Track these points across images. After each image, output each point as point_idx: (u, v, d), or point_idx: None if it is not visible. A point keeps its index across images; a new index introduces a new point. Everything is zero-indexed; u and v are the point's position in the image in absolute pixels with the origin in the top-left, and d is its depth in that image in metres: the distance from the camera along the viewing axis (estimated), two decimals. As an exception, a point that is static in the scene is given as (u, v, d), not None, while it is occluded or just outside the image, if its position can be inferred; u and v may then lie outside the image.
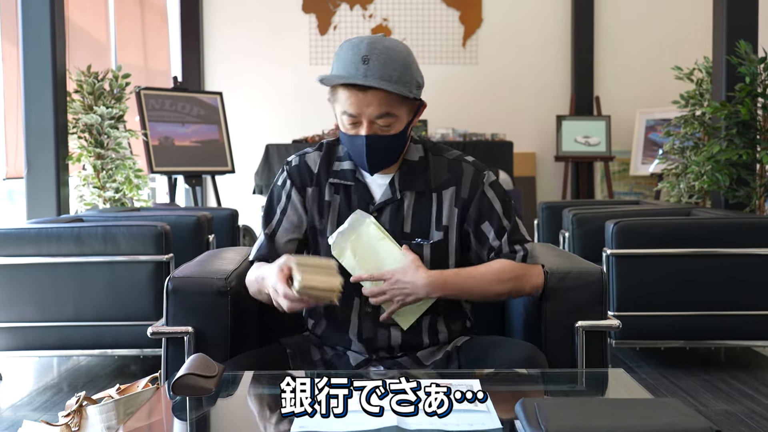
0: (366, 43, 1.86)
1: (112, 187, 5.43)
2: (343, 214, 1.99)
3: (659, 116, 7.68)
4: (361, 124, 1.90)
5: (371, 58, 1.84)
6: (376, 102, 1.86)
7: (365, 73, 1.84)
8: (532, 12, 8.22)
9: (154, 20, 7.66)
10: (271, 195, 2.08)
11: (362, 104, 1.87)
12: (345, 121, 1.92)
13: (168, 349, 2.02)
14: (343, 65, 1.87)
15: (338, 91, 1.89)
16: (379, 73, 1.84)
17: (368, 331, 1.98)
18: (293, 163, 2.07)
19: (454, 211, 1.99)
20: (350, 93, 1.87)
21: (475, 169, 2.01)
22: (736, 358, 4.09)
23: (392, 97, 1.87)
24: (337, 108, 1.93)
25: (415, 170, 2.00)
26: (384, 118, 1.88)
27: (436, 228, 1.98)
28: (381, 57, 1.84)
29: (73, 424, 1.90)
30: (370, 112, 1.87)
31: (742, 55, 4.60)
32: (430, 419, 1.37)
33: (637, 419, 1.27)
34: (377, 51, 1.85)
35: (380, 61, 1.84)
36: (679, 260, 3.79)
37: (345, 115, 1.90)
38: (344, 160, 2.03)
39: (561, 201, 6.79)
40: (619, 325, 2.02)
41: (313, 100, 8.10)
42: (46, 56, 4.94)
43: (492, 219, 1.98)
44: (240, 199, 7.80)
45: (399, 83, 1.86)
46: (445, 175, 2.01)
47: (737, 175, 4.65)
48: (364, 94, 1.86)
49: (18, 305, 3.68)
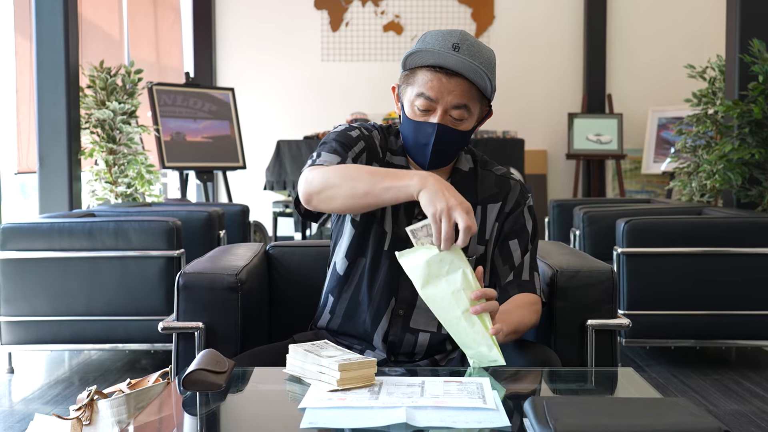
0: (458, 33, 1.80)
1: (124, 182, 5.46)
2: (397, 210, 1.91)
3: (671, 114, 7.65)
4: (434, 111, 1.82)
5: (462, 46, 1.78)
6: (458, 90, 1.80)
7: (456, 60, 1.77)
8: (544, 9, 8.20)
9: (167, 16, 7.67)
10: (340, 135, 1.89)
11: (444, 89, 1.80)
12: (419, 105, 1.83)
13: (179, 344, 2.03)
14: (432, 49, 1.78)
15: (419, 72, 1.82)
16: (471, 61, 1.77)
17: (395, 335, 1.93)
18: (364, 131, 1.93)
19: (495, 226, 1.96)
20: (434, 75, 1.80)
21: (521, 188, 2.00)
22: (746, 358, 4.08)
23: (473, 90, 1.82)
24: (409, 91, 1.85)
25: (465, 180, 1.95)
26: (460, 109, 1.82)
27: (478, 242, 1.94)
28: (472, 48, 1.79)
29: (84, 418, 1.91)
30: (449, 100, 1.81)
31: (755, 53, 4.58)
32: (439, 416, 1.37)
33: (646, 419, 1.27)
34: (468, 42, 1.80)
35: (471, 52, 1.79)
36: (691, 259, 3.78)
37: (421, 98, 1.82)
38: (397, 154, 1.96)
39: (572, 199, 6.78)
40: (629, 324, 2.02)
41: (324, 97, 8.12)
42: (59, 51, 4.96)
43: (521, 239, 1.95)
44: (251, 195, 7.82)
45: (484, 79, 1.80)
46: (493, 190, 1.97)
47: (749, 174, 4.63)
48: (449, 80, 1.80)
49: (30, 299, 3.70)
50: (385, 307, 1.93)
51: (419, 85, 1.82)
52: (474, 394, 1.48)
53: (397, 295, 1.92)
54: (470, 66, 1.77)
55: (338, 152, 1.85)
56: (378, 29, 8.20)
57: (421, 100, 1.82)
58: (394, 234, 1.92)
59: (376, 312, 1.93)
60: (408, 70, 1.85)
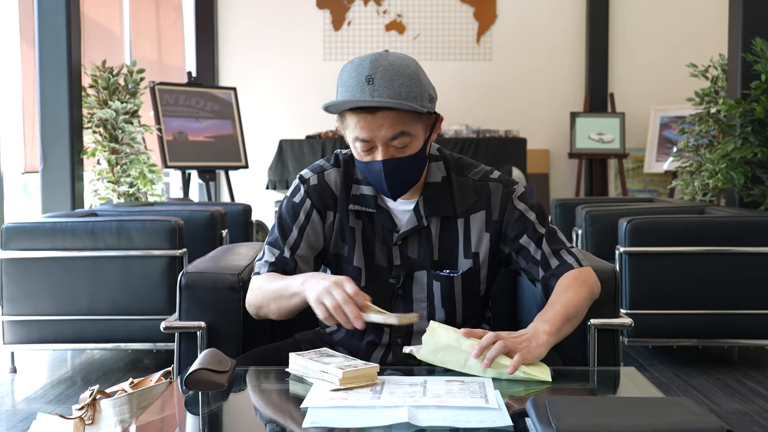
0: (368, 62, 1.72)
1: (127, 181, 5.46)
2: (368, 242, 1.88)
3: (674, 113, 7.64)
4: (376, 148, 1.77)
5: (375, 76, 1.70)
6: (387, 123, 1.73)
7: (371, 94, 1.70)
8: (546, 8, 8.20)
9: (169, 14, 7.68)
10: (285, 210, 1.92)
11: (373, 127, 1.73)
12: (359, 148, 1.78)
13: (181, 343, 2.03)
14: (348, 88, 1.73)
15: (346, 117, 1.76)
16: (387, 91, 1.70)
17: (397, 357, 1.89)
18: (311, 182, 1.92)
19: (484, 236, 1.88)
20: (359, 117, 1.73)
21: (503, 187, 1.90)
22: (749, 357, 4.08)
23: (404, 115, 1.73)
24: (348, 135, 1.80)
25: (439, 193, 1.88)
26: (399, 138, 1.75)
27: (465, 256, 1.88)
28: (386, 74, 1.71)
29: (86, 418, 1.91)
30: (383, 135, 1.74)
31: (757, 52, 4.57)
32: (441, 415, 1.37)
33: (648, 418, 1.27)
34: (381, 68, 1.71)
35: (386, 79, 1.70)
36: (693, 258, 3.78)
37: (358, 142, 1.77)
38: (363, 183, 1.90)
39: (574, 198, 6.78)
40: (631, 323, 2.01)
41: (326, 96, 8.08)
42: (62, 51, 4.97)
43: (528, 230, 1.87)
44: (253, 195, 7.82)
45: (409, 99, 1.72)
46: (472, 198, 1.89)
47: (752, 173, 4.62)
48: (374, 117, 1.72)
49: (32, 299, 3.71)
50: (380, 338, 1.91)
51: (351, 129, 1.77)
52: (476, 393, 1.48)
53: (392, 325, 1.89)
54: (388, 96, 1.70)
55: (277, 245, 1.89)
56: (380, 28, 8.21)
57: (359, 143, 1.77)
58: (369, 267, 1.89)
59: (372, 341, 1.92)
60: (339, 114, 1.79)
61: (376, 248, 1.89)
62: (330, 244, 1.92)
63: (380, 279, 1.89)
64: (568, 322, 1.74)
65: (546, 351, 1.67)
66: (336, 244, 1.91)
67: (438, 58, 8.00)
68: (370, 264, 1.90)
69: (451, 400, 1.44)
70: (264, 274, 1.89)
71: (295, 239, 1.89)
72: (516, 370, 1.58)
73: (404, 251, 1.88)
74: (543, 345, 1.66)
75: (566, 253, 1.87)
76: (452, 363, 1.63)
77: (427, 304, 1.90)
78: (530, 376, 1.60)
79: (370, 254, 1.90)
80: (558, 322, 1.71)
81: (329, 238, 1.91)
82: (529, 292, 2.16)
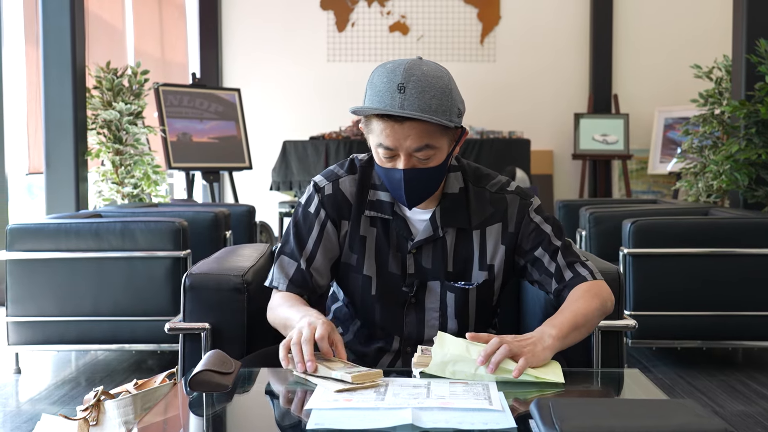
0: (402, 69, 1.69)
1: (131, 182, 5.47)
2: (381, 250, 1.87)
3: (678, 114, 7.64)
4: (399, 157, 1.74)
5: (408, 86, 1.67)
6: (414, 134, 1.70)
7: (402, 103, 1.67)
8: (550, 9, 8.20)
9: (171, 12, 7.70)
10: (302, 219, 1.91)
11: (399, 137, 1.71)
12: (381, 154, 1.76)
13: (185, 344, 2.03)
14: (377, 93, 1.70)
15: (372, 121, 1.74)
16: (417, 102, 1.67)
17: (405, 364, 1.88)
18: (326, 191, 1.90)
19: (500, 248, 1.87)
20: (386, 124, 1.71)
21: (519, 199, 1.89)
22: (753, 359, 4.07)
23: (432, 127, 1.71)
24: (371, 139, 1.77)
25: (456, 204, 1.86)
26: (423, 150, 1.72)
27: (480, 268, 1.87)
28: (419, 84, 1.68)
29: (90, 419, 1.92)
30: (408, 145, 1.72)
31: (762, 53, 4.57)
32: (445, 417, 1.37)
33: (651, 420, 1.27)
34: (414, 78, 1.68)
35: (418, 89, 1.67)
36: (697, 260, 3.77)
37: (381, 148, 1.74)
38: (381, 189, 1.88)
39: (578, 199, 6.77)
40: (635, 325, 2.01)
41: (330, 97, 8.12)
42: (66, 53, 4.98)
43: (543, 243, 1.86)
44: (257, 196, 7.83)
45: (439, 113, 1.69)
46: (489, 210, 1.88)
47: (756, 175, 4.62)
48: (401, 126, 1.70)
49: (37, 300, 3.72)
50: (390, 345, 1.91)
51: (376, 135, 1.75)
52: (480, 395, 1.48)
53: (402, 333, 1.89)
54: (419, 108, 1.68)
55: (294, 256, 1.89)
56: (384, 29, 8.21)
57: (382, 149, 1.75)
58: (381, 275, 1.88)
59: (381, 348, 1.92)
60: (364, 117, 1.77)
61: (390, 256, 1.88)
62: (342, 254, 1.91)
63: (393, 287, 1.88)
64: (576, 329, 1.73)
65: (551, 355, 1.65)
66: (346, 253, 1.90)
67: (442, 59, 7.99)
68: (383, 272, 1.88)
69: (454, 402, 1.44)
70: (282, 293, 1.90)
71: (311, 251, 1.89)
72: (521, 374, 1.56)
73: (418, 260, 1.87)
74: (548, 348, 1.65)
75: (581, 266, 1.86)
76: (463, 374, 1.60)
77: (440, 314, 1.89)
78: (541, 380, 1.59)
79: (383, 262, 1.88)
80: (566, 328, 1.70)
81: (343, 247, 1.91)
82: (533, 296, 2.16)
